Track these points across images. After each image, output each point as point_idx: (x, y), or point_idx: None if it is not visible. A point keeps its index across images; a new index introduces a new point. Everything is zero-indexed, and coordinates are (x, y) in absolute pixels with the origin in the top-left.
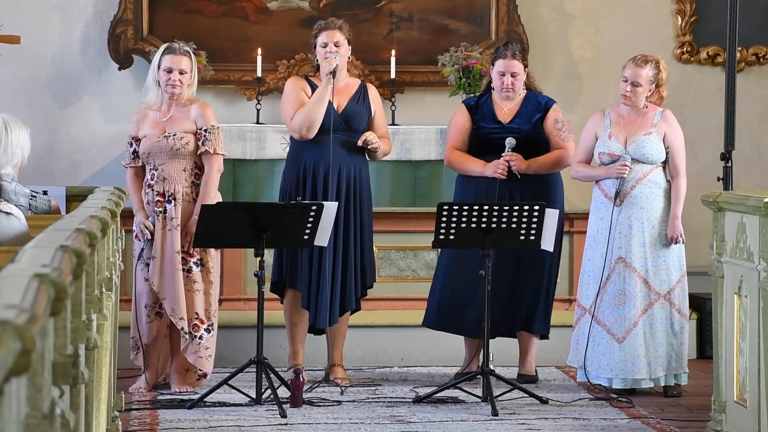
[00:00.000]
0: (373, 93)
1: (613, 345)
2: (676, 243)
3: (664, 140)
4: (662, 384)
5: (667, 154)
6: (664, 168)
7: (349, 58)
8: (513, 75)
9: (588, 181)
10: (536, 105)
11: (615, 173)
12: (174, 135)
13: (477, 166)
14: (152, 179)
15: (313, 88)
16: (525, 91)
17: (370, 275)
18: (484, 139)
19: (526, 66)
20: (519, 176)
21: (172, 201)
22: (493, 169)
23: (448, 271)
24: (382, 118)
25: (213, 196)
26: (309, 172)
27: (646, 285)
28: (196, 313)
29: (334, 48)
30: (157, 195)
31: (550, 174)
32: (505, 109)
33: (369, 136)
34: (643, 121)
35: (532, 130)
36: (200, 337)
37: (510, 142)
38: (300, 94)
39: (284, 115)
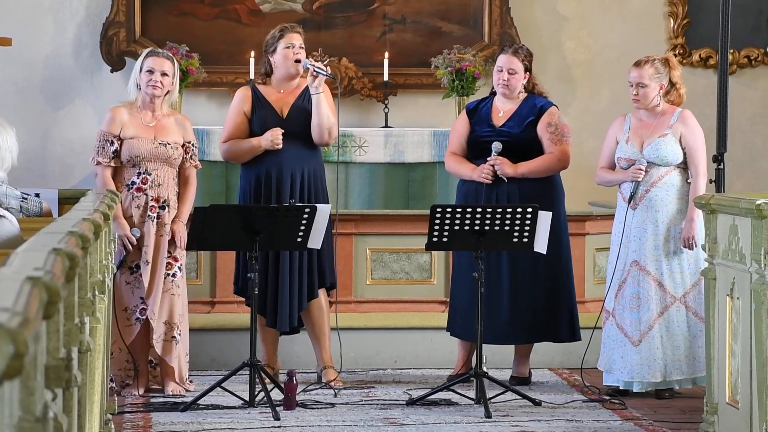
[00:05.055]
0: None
1: (629, 348)
2: (688, 246)
3: (680, 141)
4: (676, 387)
5: (685, 154)
6: (684, 169)
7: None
8: (510, 72)
9: (610, 185)
10: (531, 108)
11: (630, 177)
12: (169, 144)
13: (467, 171)
14: (144, 183)
15: (258, 98)
16: (525, 93)
17: (329, 276)
18: (477, 142)
19: (527, 69)
20: (506, 180)
21: (166, 207)
22: (479, 173)
23: (455, 278)
24: (328, 105)
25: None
26: (263, 177)
27: (660, 288)
28: (179, 316)
29: (299, 50)
30: (151, 200)
31: (548, 177)
32: (501, 112)
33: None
34: (660, 124)
35: (522, 133)
36: (178, 341)
37: (496, 146)
38: (239, 115)
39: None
